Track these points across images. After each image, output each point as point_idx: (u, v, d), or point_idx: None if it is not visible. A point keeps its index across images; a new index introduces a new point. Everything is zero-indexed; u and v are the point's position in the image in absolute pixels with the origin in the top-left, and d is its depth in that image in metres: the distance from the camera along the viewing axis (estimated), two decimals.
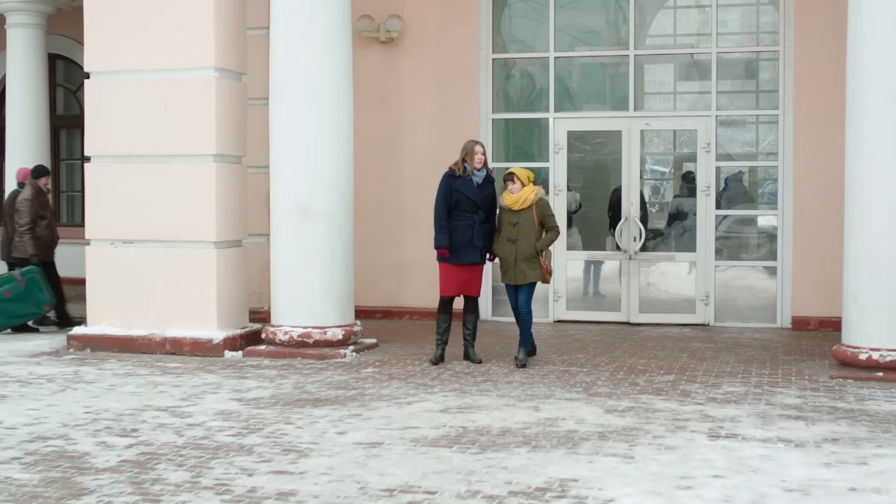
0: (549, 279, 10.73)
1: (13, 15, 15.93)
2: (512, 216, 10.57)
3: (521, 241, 10.49)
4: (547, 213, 10.62)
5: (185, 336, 11.46)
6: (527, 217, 10.53)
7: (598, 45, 14.54)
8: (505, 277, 10.70)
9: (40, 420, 8.13)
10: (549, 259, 10.68)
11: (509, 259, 10.56)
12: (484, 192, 10.69)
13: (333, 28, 11.36)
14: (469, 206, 10.62)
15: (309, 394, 9.18)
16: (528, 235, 10.50)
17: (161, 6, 11.62)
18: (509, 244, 10.55)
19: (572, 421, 8.04)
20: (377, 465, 6.76)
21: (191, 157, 11.60)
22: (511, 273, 10.58)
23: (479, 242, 10.64)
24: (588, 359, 11.05)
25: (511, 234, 10.53)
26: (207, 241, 11.57)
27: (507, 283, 10.70)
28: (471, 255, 10.66)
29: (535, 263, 10.53)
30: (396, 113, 14.28)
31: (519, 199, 10.54)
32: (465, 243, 10.63)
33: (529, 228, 10.52)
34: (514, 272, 10.55)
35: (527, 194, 10.56)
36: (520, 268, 10.51)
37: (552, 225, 10.63)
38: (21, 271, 13.13)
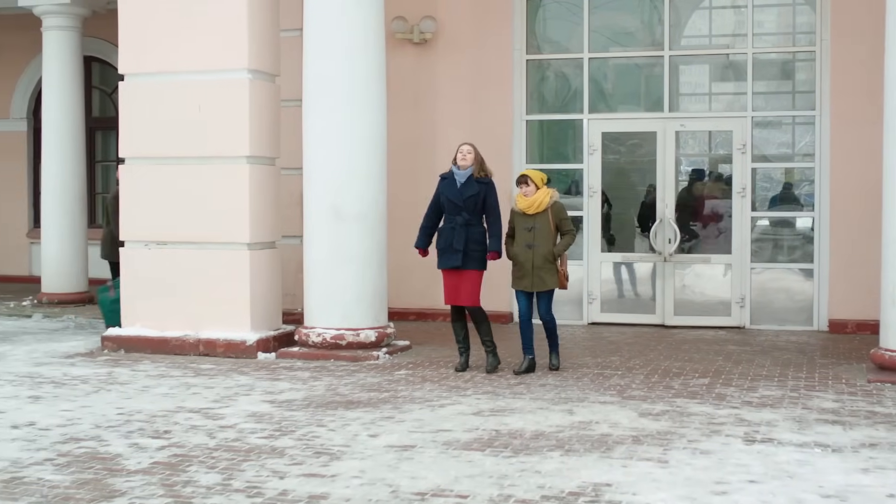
0: (566, 285, 10.39)
1: (49, 18, 15.99)
2: (526, 220, 10.20)
3: (538, 247, 10.13)
4: (563, 217, 10.26)
5: (218, 338, 11.47)
6: (542, 221, 10.17)
7: (632, 45, 14.45)
8: (519, 284, 10.26)
9: (73, 421, 8.15)
10: (565, 264, 10.36)
11: (526, 265, 10.17)
12: (467, 192, 10.22)
13: (366, 29, 11.34)
14: (451, 207, 10.27)
15: (341, 396, 9.16)
16: (544, 240, 10.15)
17: (195, 8, 11.64)
18: (525, 250, 10.16)
19: (606, 424, 7.98)
20: (409, 469, 6.72)
21: (224, 159, 11.61)
22: (528, 279, 10.19)
23: (460, 245, 10.16)
24: (622, 361, 10.97)
25: (527, 240, 10.17)
26: (241, 242, 11.58)
27: (521, 289, 10.26)
28: (452, 259, 10.23)
29: (553, 269, 10.19)
30: (430, 114, 14.24)
31: (533, 203, 10.18)
32: (446, 247, 10.28)
33: (546, 233, 10.16)
34: (531, 279, 10.17)
35: (541, 197, 10.19)
36: (538, 274, 10.14)
37: (568, 228, 10.27)
38: None
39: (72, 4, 15.81)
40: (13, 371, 10.47)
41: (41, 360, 11.20)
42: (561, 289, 10.39)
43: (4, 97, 19.72)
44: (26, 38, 18.08)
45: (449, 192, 10.26)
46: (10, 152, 19.66)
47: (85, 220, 16.45)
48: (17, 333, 13.28)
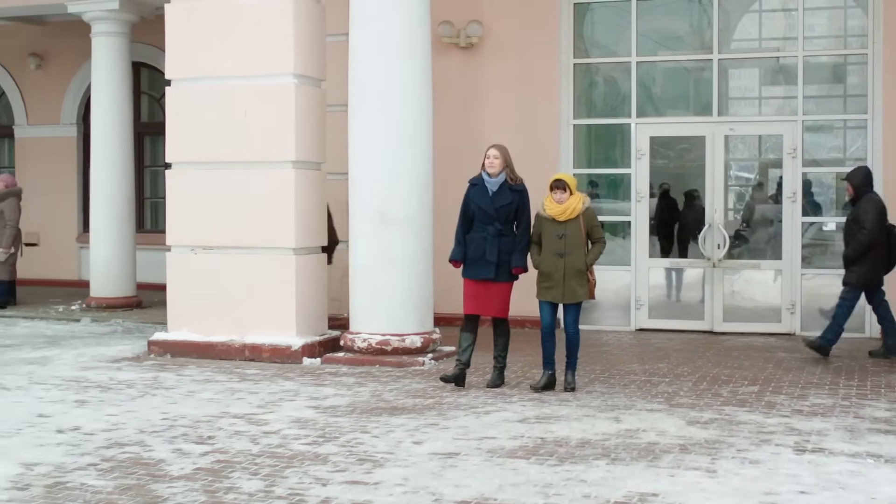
0: (594, 295, 9.85)
1: (98, 24, 16.10)
2: (557, 228, 9.56)
3: (571, 256, 9.52)
4: (594, 224, 9.68)
5: (263, 342, 11.46)
6: (574, 228, 9.55)
7: (681, 49, 14.31)
8: (547, 294, 9.63)
9: (118, 426, 8.15)
10: (594, 273, 9.79)
11: (556, 275, 9.54)
12: (499, 201, 9.70)
13: (412, 34, 11.31)
14: (482, 216, 9.73)
15: (386, 402, 9.11)
16: (577, 249, 9.55)
17: (241, 13, 11.66)
18: (556, 258, 9.55)
19: (653, 433, 7.87)
20: (453, 477, 6.65)
21: (270, 164, 11.62)
22: (558, 290, 9.57)
23: (492, 257, 9.66)
24: (670, 368, 10.85)
25: (558, 248, 9.55)
26: (286, 247, 11.57)
27: (548, 300, 9.64)
28: (484, 271, 9.72)
29: (585, 279, 9.59)
30: (476, 119, 14.18)
31: (566, 210, 9.54)
32: (477, 258, 9.74)
33: (578, 241, 9.55)
34: (562, 289, 9.56)
35: (574, 204, 9.56)
36: (569, 285, 9.54)
37: (599, 236, 9.71)
38: None
39: (120, 10, 15.91)
40: (60, 375, 10.52)
41: (88, 364, 11.24)
42: (589, 299, 9.88)
43: (55, 103, 19.88)
44: (76, 44, 18.22)
45: (480, 200, 9.75)
46: (60, 157, 19.82)
47: (133, 225, 16.53)
48: (65, 337, 13.35)
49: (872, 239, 11.38)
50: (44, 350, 12.20)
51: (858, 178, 11.67)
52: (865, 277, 11.49)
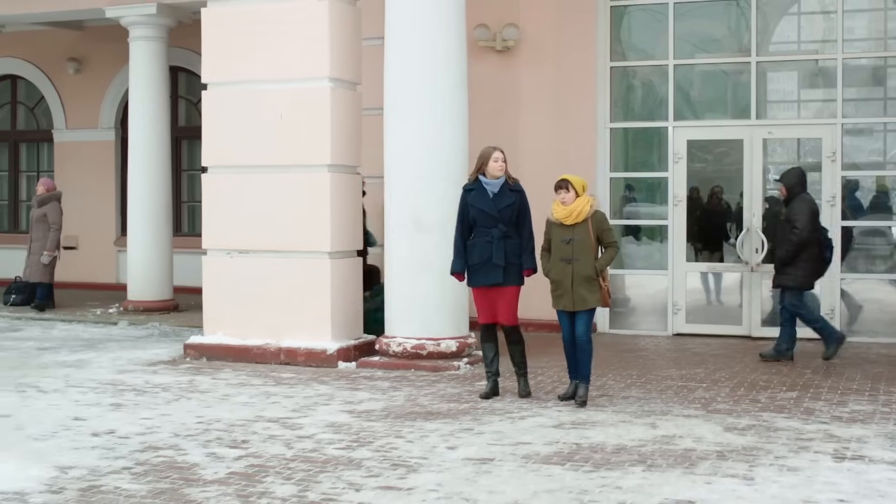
0: (609, 302, 9.38)
1: (136, 28, 16.17)
2: (564, 232, 9.14)
3: (579, 261, 9.07)
4: (605, 228, 9.21)
5: (299, 346, 11.45)
6: (582, 232, 9.09)
7: (719, 52, 14.21)
8: (558, 303, 9.21)
9: (153, 429, 8.16)
10: (608, 279, 9.34)
11: (564, 282, 9.11)
12: (503, 202, 9.39)
13: (448, 37, 11.28)
14: (485, 219, 9.38)
15: (421, 407, 9.08)
16: (585, 254, 9.08)
17: (276, 17, 11.67)
18: (563, 264, 9.11)
19: (690, 439, 7.80)
20: (487, 483, 6.61)
21: (306, 168, 11.62)
22: (567, 298, 9.13)
23: (500, 260, 9.31)
24: (707, 374, 10.75)
25: (565, 253, 9.11)
26: (322, 251, 11.56)
27: (560, 308, 9.22)
28: (491, 275, 9.37)
29: (595, 286, 9.11)
30: (512, 123, 14.12)
31: (573, 213, 9.10)
32: (483, 262, 9.38)
33: (587, 246, 9.09)
34: (570, 297, 9.11)
35: (581, 206, 9.11)
36: (577, 292, 9.08)
37: (611, 241, 9.23)
38: None
39: (158, 15, 15.98)
40: (97, 378, 10.55)
41: (124, 367, 11.28)
42: (603, 307, 9.40)
43: (93, 107, 20.00)
44: (114, 49, 18.30)
45: (481, 203, 9.40)
46: (98, 162, 19.92)
47: (170, 229, 16.58)
48: (102, 341, 13.40)
49: (804, 239, 11.35)
50: (81, 353, 12.25)
51: (791, 178, 11.65)
52: (803, 278, 11.45)
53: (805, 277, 11.49)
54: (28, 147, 21.23)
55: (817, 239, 11.50)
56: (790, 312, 11.59)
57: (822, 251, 11.59)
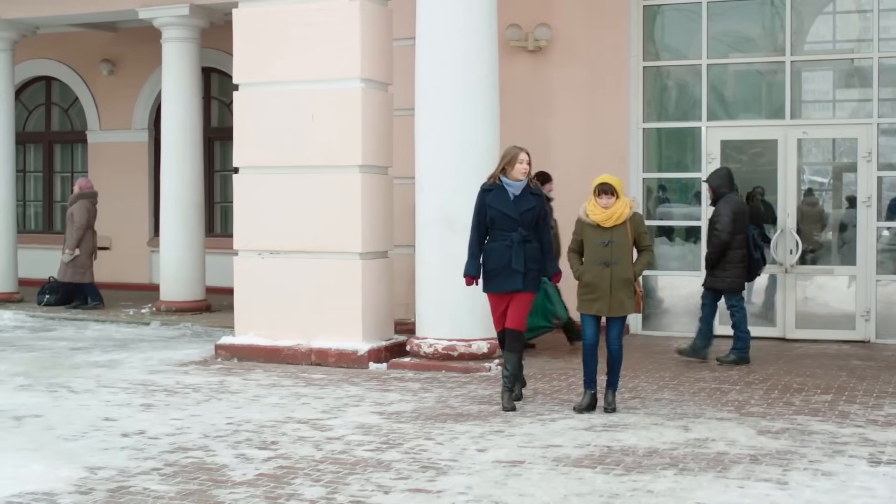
0: (642, 307, 9.12)
1: (168, 30, 16.22)
2: (602, 234, 8.80)
3: (618, 264, 8.77)
4: (642, 230, 8.97)
5: (330, 347, 11.44)
6: (621, 235, 8.81)
7: (753, 51, 14.09)
8: (591, 307, 8.86)
9: (183, 430, 8.16)
10: (640, 283, 9.10)
11: (602, 285, 8.77)
12: (524, 205, 9.02)
13: (480, 38, 11.24)
14: (505, 222, 8.99)
15: (451, 408, 9.03)
16: (624, 257, 8.82)
17: (309, 18, 11.66)
18: (601, 268, 8.78)
19: (723, 442, 7.72)
20: (517, 486, 6.56)
21: (337, 168, 11.61)
22: (604, 302, 8.80)
23: (520, 266, 8.94)
24: (741, 376, 10.65)
25: (603, 257, 8.77)
26: (353, 252, 11.55)
27: (592, 313, 8.87)
28: (510, 282, 8.99)
29: (632, 291, 8.85)
30: (544, 123, 14.05)
31: (613, 215, 8.79)
32: (501, 267, 8.99)
33: (625, 248, 8.83)
34: (608, 301, 8.79)
35: (621, 209, 8.82)
36: (617, 297, 8.78)
37: (647, 244, 9.04)
38: None
39: (190, 16, 16.02)
40: (128, 378, 10.57)
41: (156, 367, 11.29)
42: (636, 313, 9.14)
43: (126, 108, 20.09)
44: (147, 50, 18.36)
45: (501, 205, 9.01)
46: (132, 162, 20.00)
47: (203, 230, 16.63)
48: (134, 341, 13.44)
49: (724, 241, 11.32)
50: (113, 353, 12.28)
51: (716, 179, 11.60)
52: (731, 281, 11.40)
53: (733, 280, 11.40)
54: (62, 148, 21.35)
55: (743, 240, 11.37)
56: (711, 313, 11.63)
57: (749, 252, 11.50)
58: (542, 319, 11.88)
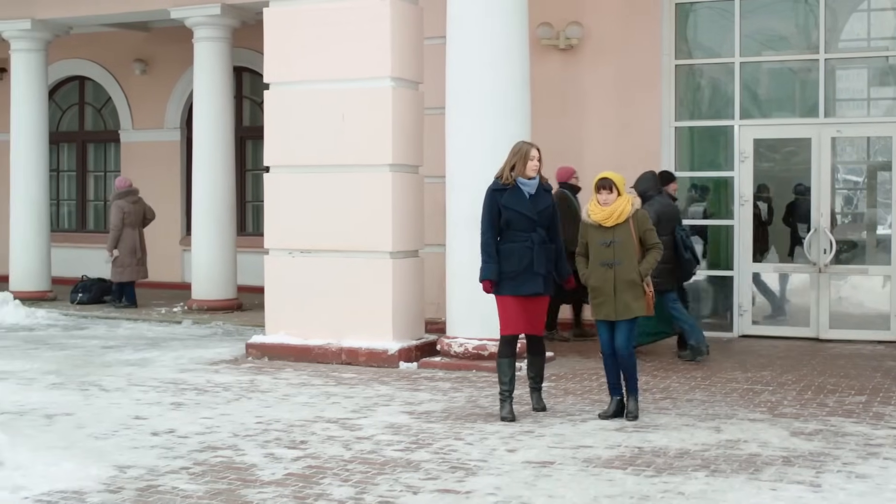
0: (653, 309, 8.70)
1: (200, 29, 16.26)
2: (604, 235, 8.46)
3: (621, 265, 8.42)
4: (647, 228, 8.59)
5: (360, 346, 11.42)
6: (623, 234, 8.45)
7: (786, 49, 13.98)
8: (599, 312, 8.53)
9: (212, 429, 8.16)
10: (650, 284, 8.63)
11: (605, 288, 8.43)
12: (540, 203, 8.64)
13: (510, 36, 11.20)
14: (523, 223, 8.58)
15: (481, 408, 9.00)
16: (628, 257, 8.43)
17: (338, 17, 11.65)
18: (604, 269, 8.44)
19: (755, 444, 7.64)
20: (546, 487, 6.52)
21: (367, 167, 11.59)
22: (609, 305, 8.45)
23: (542, 268, 8.55)
24: (774, 377, 10.55)
25: (605, 257, 8.43)
26: (383, 251, 11.53)
27: (601, 318, 8.53)
28: (530, 285, 8.58)
29: (639, 292, 8.47)
30: (576, 122, 14.00)
31: (613, 213, 8.44)
32: (521, 270, 8.56)
33: (629, 248, 8.46)
34: (613, 305, 8.43)
35: (622, 206, 8.46)
36: (622, 299, 8.40)
37: (654, 242, 8.60)
38: None
39: (222, 16, 16.07)
40: (159, 377, 10.59)
41: (186, 366, 11.31)
42: (647, 315, 8.71)
43: (159, 108, 20.16)
44: (180, 49, 18.42)
45: (517, 204, 8.59)
46: (164, 162, 20.07)
47: (234, 229, 16.66)
48: (166, 339, 13.47)
49: None
50: (144, 352, 12.32)
51: (643, 183, 11.58)
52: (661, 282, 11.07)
53: (663, 281, 11.20)
54: (95, 147, 21.45)
55: (669, 241, 11.24)
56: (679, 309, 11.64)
57: (678, 253, 11.46)
58: (663, 325, 11.78)
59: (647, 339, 11.75)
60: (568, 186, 12.89)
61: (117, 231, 16.73)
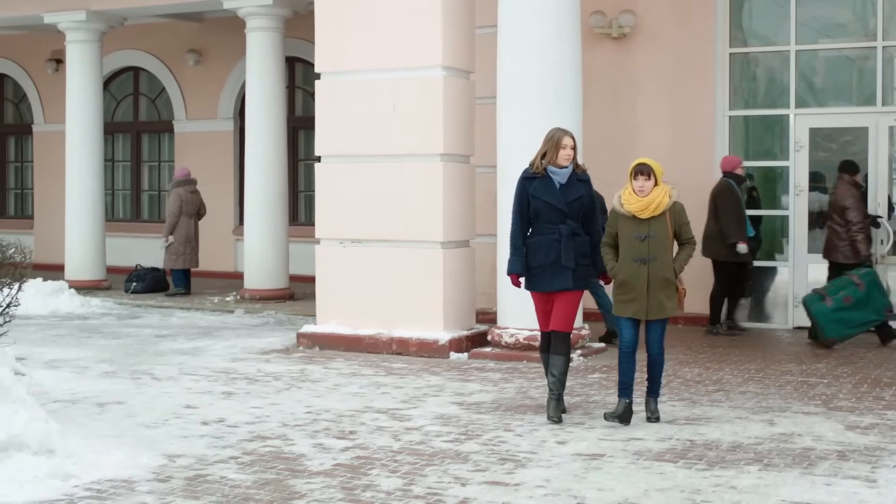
0: (683, 307, 8.22)
1: (252, 19, 16.29)
2: (638, 227, 7.88)
3: (656, 261, 7.84)
4: (684, 221, 7.99)
5: (410, 336, 11.40)
6: (659, 228, 7.86)
7: (843, 37, 13.76)
8: (626, 308, 7.94)
9: (262, 419, 8.17)
10: (682, 281, 8.07)
11: (638, 285, 7.85)
12: (571, 194, 8.15)
13: (561, 25, 11.12)
14: (552, 214, 8.11)
15: (532, 399, 8.94)
16: (663, 253, 7.86)
17: (389, 6, 11.63)
18: (637, 265, 7.85)
19: (809, 437, 7.54)
20: (596, 479, 6.46)
21: (418, 157, 11.56)
22: (640, 303, 7.88)
23: (570, 262, 8.07)
24: (829, 369, 10.41)
25: (639, 252, 7.85)
26: (434, 241, 11.49)
27: (629, 316, 7.97)
28: (559, 280, 8.10)
29: (673, 290, 7.93)
30: (629, 111, 13.88)
31: (650, 205, 7.84)
32: (549, 263, 8.11)
33: (664, 243, 7.87)
34: (645, 303, 7.86)
35: (659, 197, 7.86)
36: (655, 297, 7.85)
37: (689, 237, 8.03)
38: (859, 274, 11.89)
39: (274, 6, 16.08)
40: (210, 366, 10.63)
41: (238, 355, 11.35)
42: (678, 313, 8.31)
43: (212, 98, 20.24)
44: (232, 40, 18.48)
45: (547, 195, 8.13)
46: (218, 151, 20.16)
47: (286, 219, 16.68)
48: (218, 329, 13.53)
49: None
50: (196, 341, 12.37)
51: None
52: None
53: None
54: (150, 137, 21.57)
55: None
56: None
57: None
58: (871, 312, 11.66)
59: (850, 330, 11.66)
60: (732, 176, 12.68)
61: (174, 218, 16.88)
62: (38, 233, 21.53)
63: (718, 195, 12.63)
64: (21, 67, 22.19)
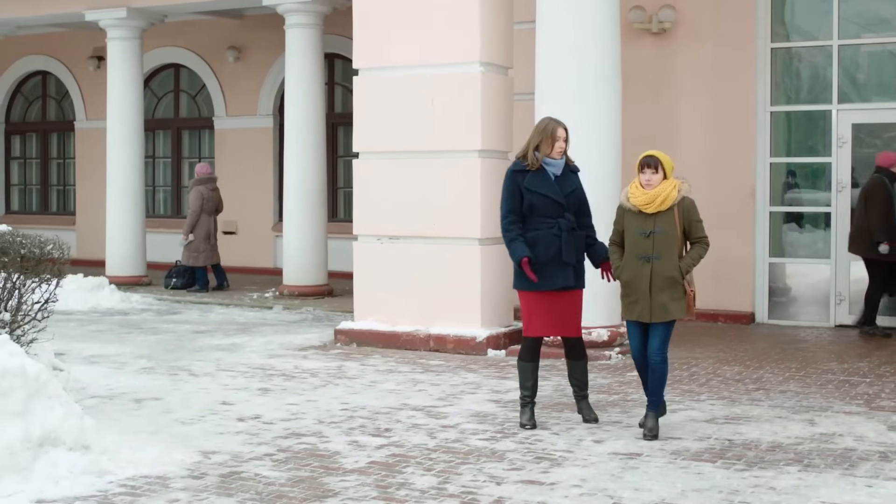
0: (694, 311, 7.57)
1: (291, 16, 16.30)
2: (644, 223, 7.41)
3: (660, 260, 7.36)
4: (694, 219, 7.46)
5: (448, 333, 11.36)
6: (666, 224, 7.38)
7: (887, 32, 13.58)
8: (631, 312, 7.48)
9: (297, 416, 8.16)
10: (693, 282, 7.54)
11: (640, 286, 7.39)
12: (567, 186, 7.78)
13: (600, 21, 11.03)
14: (549, 208, 7.69)
15: (568, 397, 8.83)
16: (669, 251, 7.37)
17: (427, 2, 11.58)
18: (639, 263, 7.40)
19: (850, 438, 7.43)
20: (633, 479, 6.39)
21: (456, 153, 11.51)
22: (643, 305, 7.39)
23: (571, 258, 7.68)
24: (871, 368, 10.27)
25: (643, 250, 7.39)
26: (472, 238, 11.44)
27: (633, 319, 7.50)
28: (560, 277, 7.67)
29: (679, 291, 7.38)
30: (669, 107, 13.77)
31: (657, 199, 7.37)
32: (549, 260, 7.65)
33: (671, 240, 7.38)
34: (647, 305, 7.37)
35: (667, 191, 7.37)
36: (658, 299, 7.35)
37: (700, 235, 7.49)
38: None
39: (313, 2, 16.09)
40: (247, 362, 10.64)
41: (276, 351, 11.35)
42: (688, 319, 7.72)
43: (251, 95, 20.29)
44: (272, 36, 18.54)
45: (543, 187, 7.70)
46: (257, 148, 20.22)
47: (325, 215, 16.69)
48: (256, 325, 13.55)
49: None
50: (234, 337, 12.39)
51: None
52: None
53: None
54: (190, 134, 21.66)
55: None
56: None
57: None
58: None
59: None
60: (887, 173, 12.45)
61: (195, 216, 16.98)
62: (79, 229, 21.69)
63: (869, 190, 12.43)
64: (63, 65, 22.33)
